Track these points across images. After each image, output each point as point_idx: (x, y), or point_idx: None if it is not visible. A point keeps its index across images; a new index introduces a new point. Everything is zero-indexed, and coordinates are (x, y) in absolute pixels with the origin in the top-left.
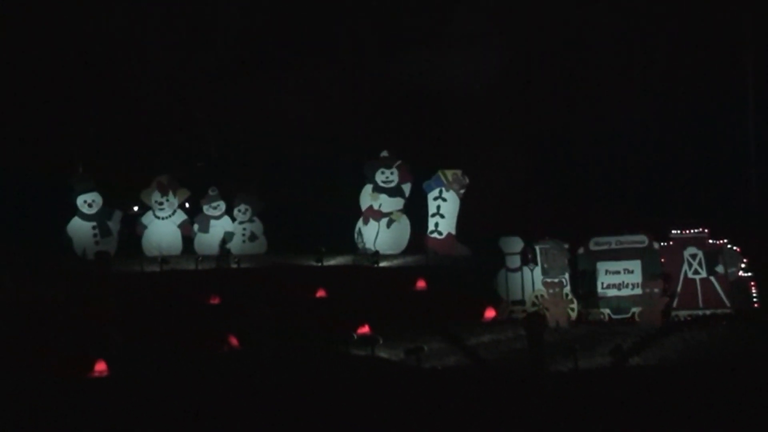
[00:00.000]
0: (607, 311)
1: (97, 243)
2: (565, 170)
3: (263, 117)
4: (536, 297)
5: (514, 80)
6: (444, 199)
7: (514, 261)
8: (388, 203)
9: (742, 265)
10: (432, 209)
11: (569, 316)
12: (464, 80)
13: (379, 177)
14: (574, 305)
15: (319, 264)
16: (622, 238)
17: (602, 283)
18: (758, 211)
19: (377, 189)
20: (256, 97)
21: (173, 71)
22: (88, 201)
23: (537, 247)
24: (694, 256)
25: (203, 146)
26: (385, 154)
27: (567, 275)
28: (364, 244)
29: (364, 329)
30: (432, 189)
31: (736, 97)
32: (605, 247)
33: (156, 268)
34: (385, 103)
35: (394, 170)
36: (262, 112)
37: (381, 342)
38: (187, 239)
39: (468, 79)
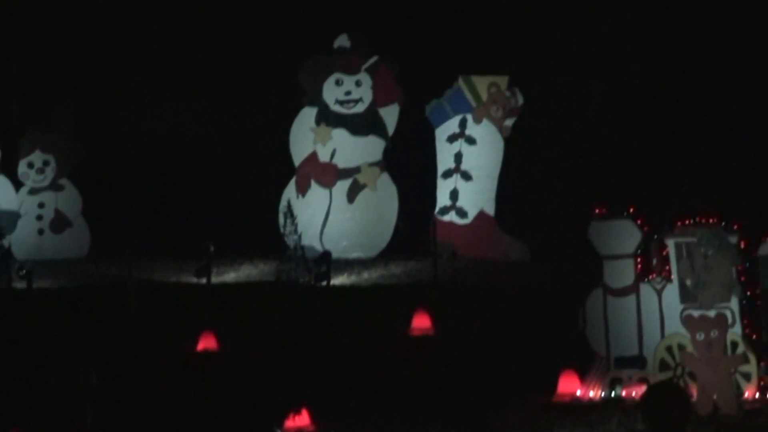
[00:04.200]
0: None
1: None
2: (723, 86)
3: None
4: (669, 349)
5: None
6: (471, 140)
7: (622, 272)
8: (350, 149)
9: None
10: (446, 162)
11: (740, 391)
12: None
13: (332, 92)
14: (752, 367)
15: (204, 281)
16: None
17: None
18: None
19: (326, 118)
20: None
21: None
22: None
23: (671, 242)
24: None
25: None
26: (344, 43)
27: (736, 303)
28: (299, 236)
29: (300, 421)
30: (445, 118)
31: None
32: None
33: None
34: None
35: (363, 78)
36: None
37: None
38: None
39: None
